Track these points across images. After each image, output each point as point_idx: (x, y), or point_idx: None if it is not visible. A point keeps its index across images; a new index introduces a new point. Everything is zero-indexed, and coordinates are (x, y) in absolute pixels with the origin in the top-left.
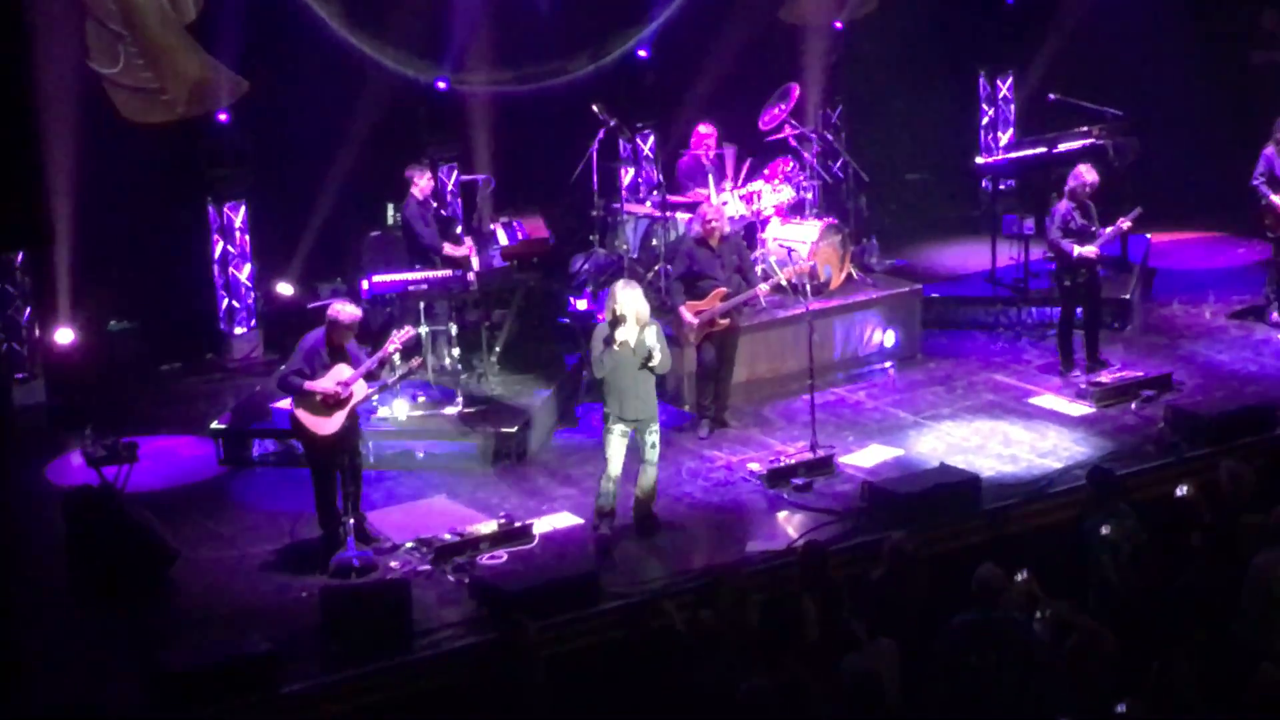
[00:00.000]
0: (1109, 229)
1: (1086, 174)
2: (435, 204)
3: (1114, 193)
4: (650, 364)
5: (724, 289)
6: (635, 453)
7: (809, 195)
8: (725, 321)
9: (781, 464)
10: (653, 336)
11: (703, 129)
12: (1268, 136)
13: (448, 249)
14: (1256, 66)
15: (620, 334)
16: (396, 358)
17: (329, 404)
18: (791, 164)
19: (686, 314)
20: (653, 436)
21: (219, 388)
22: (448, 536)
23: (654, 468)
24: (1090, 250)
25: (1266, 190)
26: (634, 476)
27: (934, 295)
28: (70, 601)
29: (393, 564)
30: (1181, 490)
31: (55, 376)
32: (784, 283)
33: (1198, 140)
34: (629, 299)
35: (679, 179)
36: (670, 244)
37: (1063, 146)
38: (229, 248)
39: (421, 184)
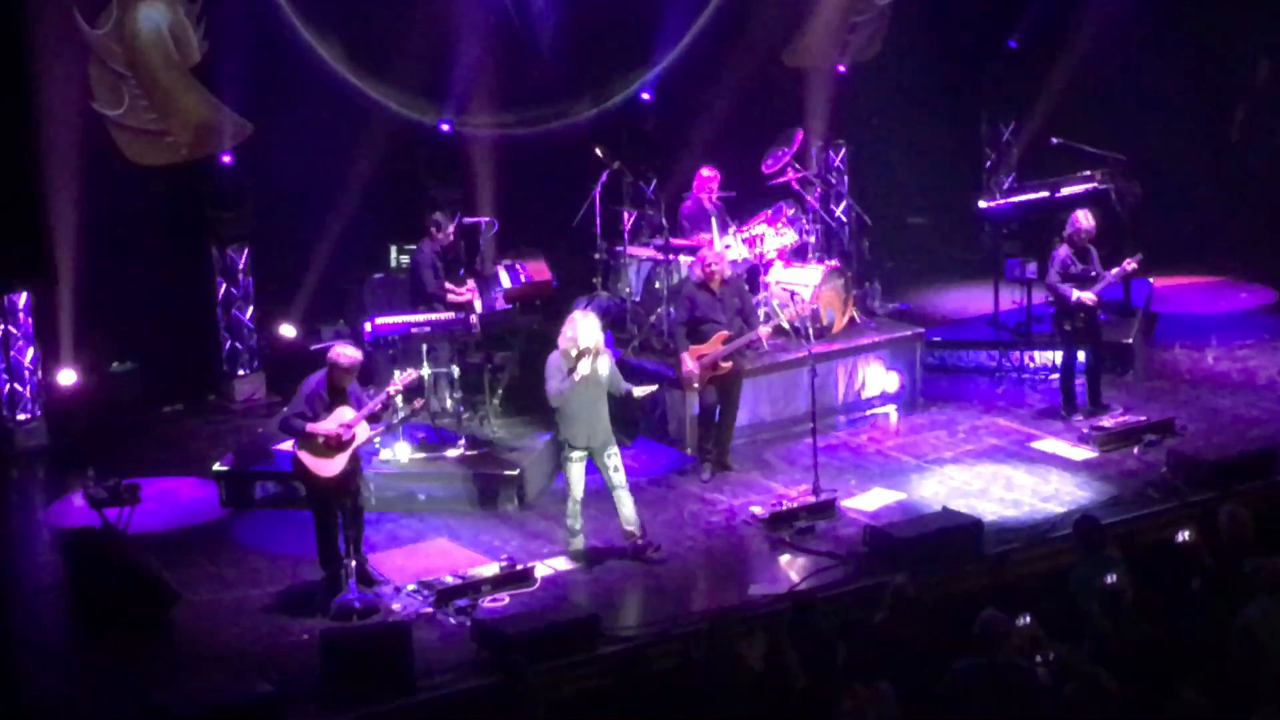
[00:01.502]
0: (1111, 272)
1: (1084, 220)
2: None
3: (1117, 237)
4: (586, 369)
5: (726, 332)
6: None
7: (812, 239)
8: (728, 365)
9: (784, 508)
10: (605, 365)
11: (705, 172)
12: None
13: (451, 291)
14: (1241, 122)
15: (582, 366)
16: (399, 400)
17: (331, 446)
18: (794, 208)
19: (689, 359)
20: (613, 460)
21: (221, 430)
22: (449, 579)
23: (625, 490)
24: (1089, 295)
25: None
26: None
27: (936, 339)
28: (71, 643)
29: (394, 606)
30: (1183, 535)
31: (57, 418)
32: (785, 325)
33: (1200, 185)
34: (590, 331)
35: (682, 222)
36: (672, 287)
37: (1065, 190)
38: (231, 289)
39: (440, 235)
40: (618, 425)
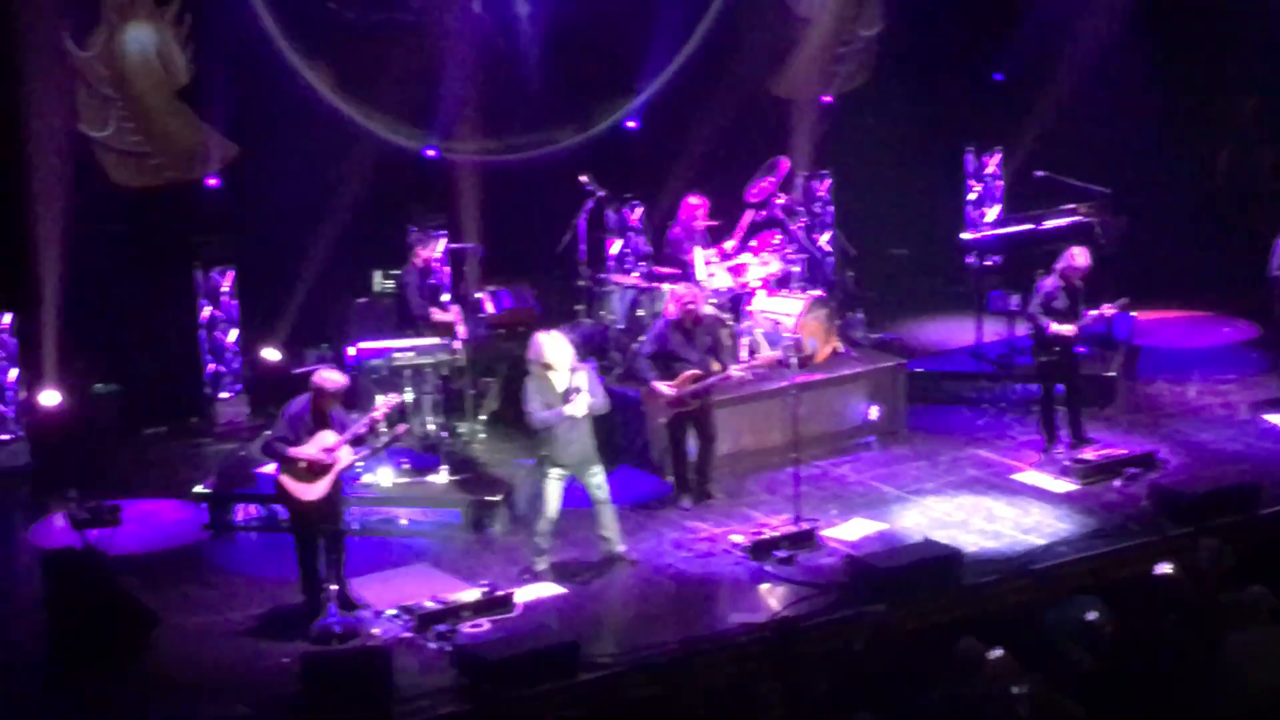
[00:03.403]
0: (1091, 314)
1: (1079, 258)
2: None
3: (1100, 271)
4: (580, 409)
5: (695, 371)
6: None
7: (796, 268)
8: (695, 403)
9: (765, 536)
10: (583, 380)
11: (692, 200)
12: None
13: (435, 316)
14: (1226, 160)
15: (572, 409)
16: (382, 424)
17: (313, 470)
18: (778, 237)
19: (660, 388)
20: (596, 477)
21: (203, 452)
22: (430, 604)
23: (608, 505)
24: (1067, 329)
25: None
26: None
27: (918, 370)
28: (50, 665)
29: (375, 631)
30: (1161, 569)
31: (39, 438)
32: (769, 355)
33: (1184, 220)
34: (557, 348)
35: (667, 250)
36: (655, 315)
37: (1049, 224)
38: (215, 312)
39: (424, 253)
40: (600, 452)
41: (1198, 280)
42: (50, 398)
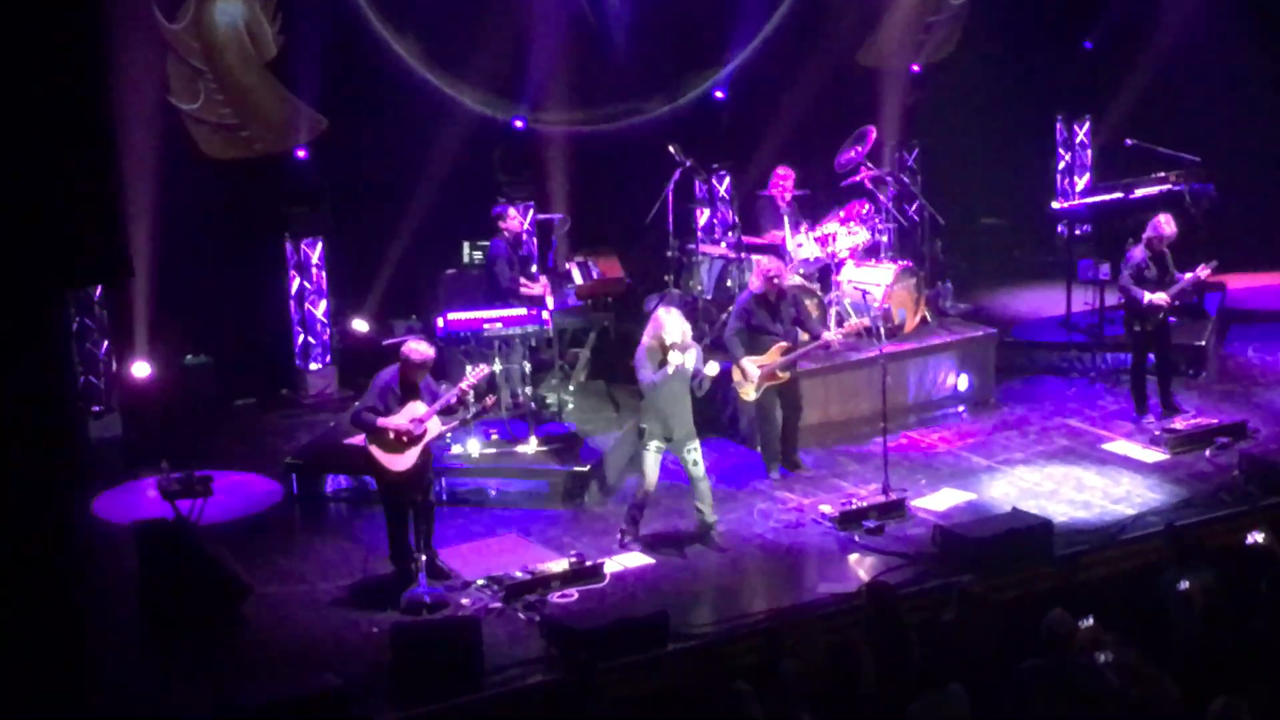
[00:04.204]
0: (1185, 277)
1: (1165, 226)
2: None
3: (1190, 239)
4: (699, 386)
5: (784, 344)
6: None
7: (884, 238)
8: (785, 375)
9: (853, 507)
10: (694, 358)
11: (780, 170)
12: None
13: (525, 288)
14: None
15: (674, 358)
16: (471, 395)
17: (402, 441)
18: (867, 206)
19: (749, 366)
20: (694, 454)
21: (294, 423)
22: (519, 574)
23: (705, 482)
24: (1161, 298)
25: None
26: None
27: (1009, 340)
28: (142, 635)
29: (464, 601)
30: (1254, 538)
31: (131, 410)
32: (856, 325)
33: (1275, 186)
34: (678, 324)
35: (756, 220)
36: (742, 287)
37: (1139, 192)
38: (305, 284)
39: (508, 224)
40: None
41: None
42: (141, 370)
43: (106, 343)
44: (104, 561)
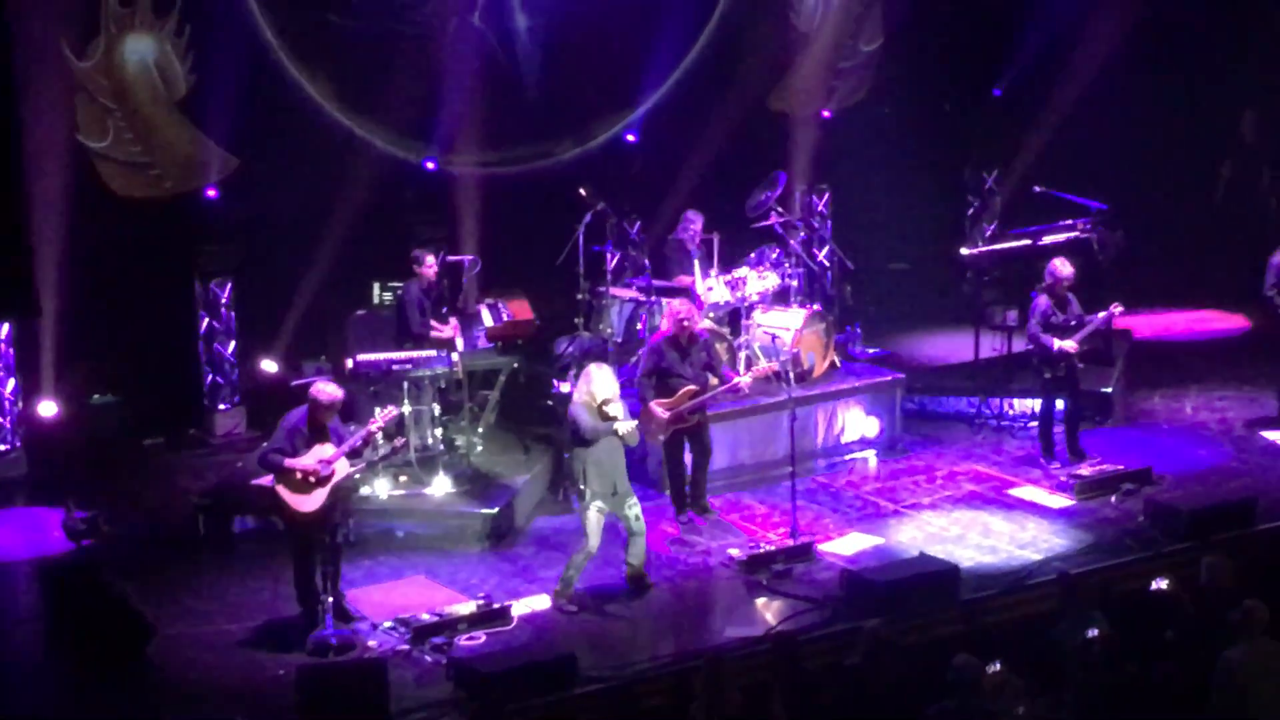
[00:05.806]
0: (1098, 317)
1: (1062, 268)
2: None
3: (1099, 285)
4: (627, 439)
5: (692, 387)
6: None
7: (794, 283)
8: (693, 419)
9: (761, 550)
10: (620, 409)
11: (690, 214)
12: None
13: (433, 329)
14: (1227, 178)
15: (615, 410)
16: (379, 437)
17: (310, 481)
18: (777, 251)
19: (657, 410)
20: (634, 509)
21: (202, 463)
22: (426, 616)
23: (642, 537)
24: (1070, 344)
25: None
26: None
27: (916, 385)
28: (45, 675)
29: (371, 643)
30: (1158, 584)
31: (37, 449)
32: (766, 369)
33: (1182, 234)
34: (608, 381)
35: (665, 263)
36: (653, 330)
37: (1047, 239)
38: (214, 323)
39: (425, 270)
40: None
41: (1195, 292)
42: (48, 408)
43: (13, 381)
44: (8, 600)
